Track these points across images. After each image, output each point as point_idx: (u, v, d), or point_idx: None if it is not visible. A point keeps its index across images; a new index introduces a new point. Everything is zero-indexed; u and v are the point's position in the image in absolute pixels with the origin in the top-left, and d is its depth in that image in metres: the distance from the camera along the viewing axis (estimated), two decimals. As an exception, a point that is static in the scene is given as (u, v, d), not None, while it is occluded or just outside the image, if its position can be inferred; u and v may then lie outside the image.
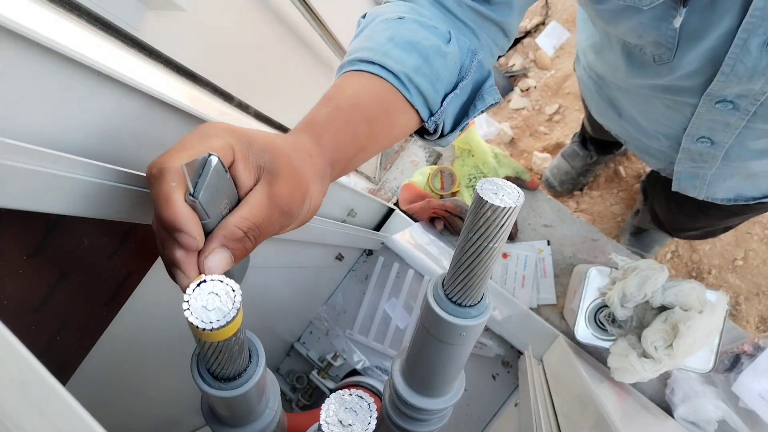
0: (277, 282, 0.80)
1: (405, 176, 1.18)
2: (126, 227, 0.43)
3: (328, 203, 0.80)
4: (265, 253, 0.69)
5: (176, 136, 0.45)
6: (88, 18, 0.38)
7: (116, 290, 0.46)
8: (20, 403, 0.17)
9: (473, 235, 0.35)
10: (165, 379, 0.63)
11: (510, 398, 1.00)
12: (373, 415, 0.37)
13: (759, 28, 0.42)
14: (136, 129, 0.41)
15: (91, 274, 0.42)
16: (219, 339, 0.32)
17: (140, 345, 0.54)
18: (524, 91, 1.64)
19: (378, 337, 1.04)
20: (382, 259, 1.07)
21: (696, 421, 0.91)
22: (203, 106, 0.52)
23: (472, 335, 0.42)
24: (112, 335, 0.47)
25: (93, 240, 0.40)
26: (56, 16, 0.36)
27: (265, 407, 0.49)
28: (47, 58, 0.32)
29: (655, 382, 0.97)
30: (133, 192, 0.39)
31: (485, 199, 0.33)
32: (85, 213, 0.36)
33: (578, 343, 0.93)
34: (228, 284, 0.30)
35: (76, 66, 0.34)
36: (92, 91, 0.36)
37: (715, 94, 0.51)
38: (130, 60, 0.43)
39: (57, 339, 0.42)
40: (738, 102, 0.51)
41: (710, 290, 0.83)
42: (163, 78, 0.47)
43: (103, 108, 0.37)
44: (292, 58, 0.84)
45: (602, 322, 0.87)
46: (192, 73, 0.50)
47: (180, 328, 0.37)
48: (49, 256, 0.37)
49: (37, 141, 0.32)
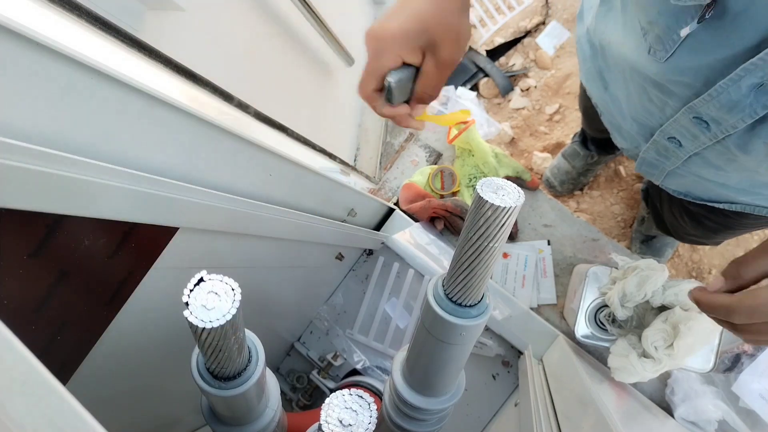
0: (278, 281, 0.80)
1: (405, 176, 1.18)
2: (126, 227, 0.43)
3: (329, 203, 0.80)
4: (266, 252, 0.69)
5: (176, 135, 0.45)
6: (88, 18, 0.38)
7: (116, 290, 0.46)
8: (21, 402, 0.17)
9: (473, 235, 0.35)
10: (165, 379, 0.63)
11: (510, 398, 1.00)
12: (373, 415, 0.37)
13: (758, 72, 0.43)
14: (136, 128, 0.41)
15: (91, 274, 0.42)
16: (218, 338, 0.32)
17: (140, 344, 0.54)
18: (524, 91, 1.64)
19: (378, 336, 1.04)
20: (382, 258, 1.07)
21: (696, 421, 0.91)
22: (203, 105, 0.52)
23: (472, 335, 0.42)
24: (113, 335, 0.47)
25: (93, 240, 0.40)
26: (56, 16, 0.36)
27: (265, 407, 0.49)
28: (47, 57, 0.32)
29: (655, 382, 0.97)
30: (133, 192, 0.39)
31: (485, 198, 0.33)
32: (86, 213, 0.36)
33: (578, 343, 0.94)
34: (228, 283, 0.30)
35: (77, 66, 0.34)
36: (92, 90, 0.36)
37: (695, 108, 0.52)
38: (130, 60, 0.43)
39: (57, 339, 0.42)
40: (711, 125, 0.53)
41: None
42: (163, 78, 0.47)
43: (103, 107, 0.37)
44: (292, 57, 0.84)
45: (602, 322, 0.87)
46: (192, 72, 0.50)
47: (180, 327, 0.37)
48: (50, 255, 0.37)
49: (37, 141, 0.32)
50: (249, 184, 0.58)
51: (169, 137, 0.44)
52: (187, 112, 0.44)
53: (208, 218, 0.50)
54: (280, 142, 0.71)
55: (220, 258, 0.59)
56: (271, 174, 0.61)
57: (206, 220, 0.50)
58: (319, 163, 0.88)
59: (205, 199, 0.48)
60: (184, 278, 0.35)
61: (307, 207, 0.72)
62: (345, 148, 1.14)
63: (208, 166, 0.51)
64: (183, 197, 0.45)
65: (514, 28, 1.67)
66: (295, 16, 0.77)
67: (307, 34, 0.85)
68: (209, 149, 0.50)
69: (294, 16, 0.77)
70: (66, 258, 0.39)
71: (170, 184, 0.42)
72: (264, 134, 0.67)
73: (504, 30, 1.67)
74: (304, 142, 0.77)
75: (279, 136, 0.70)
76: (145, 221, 0.42)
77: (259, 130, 0.65)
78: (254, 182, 0.59)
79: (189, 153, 0.47)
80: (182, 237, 0.49)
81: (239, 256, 0.63)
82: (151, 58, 0.44)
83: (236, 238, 0.60)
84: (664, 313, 0.81)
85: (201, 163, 0.50)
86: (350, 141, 1.17)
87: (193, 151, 0.48)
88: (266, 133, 0.67)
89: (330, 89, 1.01)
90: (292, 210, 0.64)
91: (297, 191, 0.69)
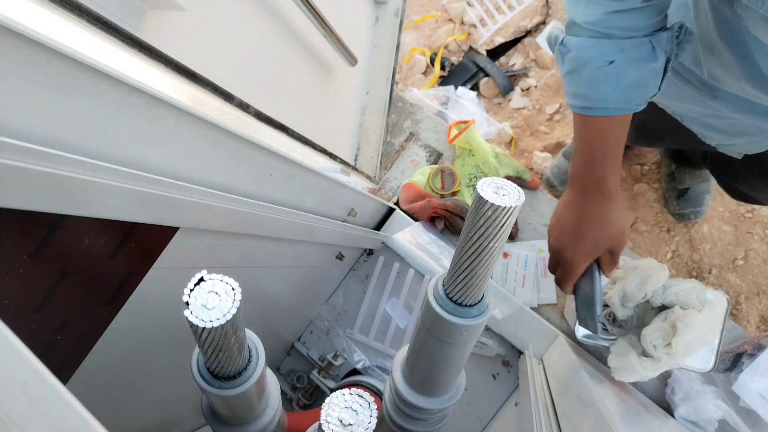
0: (278, 281, 0.80)
1: (405, 176, 1.18)
2: (127, 227, 0.43)
3: (329, 203, 0.80)
4: (266, 252, 0.69)
5: (176, 135, 0.45)
6: (88, 18, 0.38)
7: (117, 290, 0.46)
8: (21, 402, 0.17)
9: (474, 235, 0.35)
10: (165, 378, 0.63)
11: (510, 398, 1.00)
12: (373, 415, 0.37)
13: None
14: (136, 128, 0.41)
15: (91, 273, 0.42)
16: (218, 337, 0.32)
17: (141, 344, 0.54)
18: (525, 91, 1.64)
19: (378, 336, 1.04)
20: (382, 258, 1.07)
21: (696, 421, 0.91)
22: (203, 105, 0.52)
23: (472, 335, 0.42)
24: (113, 334, 0.47)
25: (93, 240, 0.40)
26: (57, 15, 0.36)
27: (265, 406, 0.49)
28: (48, 57, 0.32)
29: (655, 382, 0.97)
30: (134, 192, 0.39)
31: (486, 198, 0.33)
32: (86, 213, 0.36)
33: (578, 343, 0.93)
34: (228, 283, 0.30)
35: (77, 65, 0.34)
36: (93, 90, 0.36)
37: None
38: (131, 59, 0.43)
39: (58, 338, 0.42)
40: None
41: (710, 289, 0.83)
42: (163, 77, 0.47)
43: (104, 107, 0.37)
44: (293, 57, 0.84)
45: (603, 322, 0.87)
46: (192, 72, 0.50)
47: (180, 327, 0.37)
48: (50, 255, 0.37)
49: (38, 141, 0.32)
50: (249, 183, 0.58)
51: (169, 137, 0.44)
52: (188, 111, 0.44)
53: (208, 218, 0.50)
54: (280, 141, 0.71)
55: (220, 258, 0.59)
56: (271, 174, 0.61)
57: (206, 219, 0.50)
58: (319, 163, 0.88)
59: (206, 198, 0.48)
60: (185, 278, 0.35)
61: (307, 207, 0.72)
62: (346, 148, 1.14)
63: (209, 165, 0.51)
64: (183, 197, 0.45)
65: (514, 28, 1.67)
66: (296, 15, 0.77)
67: (309, 34, 0.85)
68: (209, 149, 0.50)
69: (296, 15, 0.77)
70: (66, 258, 0.39)
71: (170, 183, 0.42)
72: (264, 134, 0.67)
73: (504, 30, 1.67)
74: (304, 142, 0.77)
75: (280, 136, 0.70)
76: (145, 221, 0.42)
77: (259, 130, 0.65)
78: (254, 182, 0.59)
79: (189, 153, 0.47)
80: (182, 237, 0.49)
81: (239, 255, 0.63)
82: (151, 58, 0.44)
83: (236, 238, 0.60)
84: (663, 312, 0.81)
85: (201, 163, 0.50)
86: (351, 141, 1.17)
87: (193, 151, 0.48)
88: (267, 133, 0.67)
89: (331, 89, 1.01)
90: (292, 210, 0.64)
91: (297, 191, 0.69)
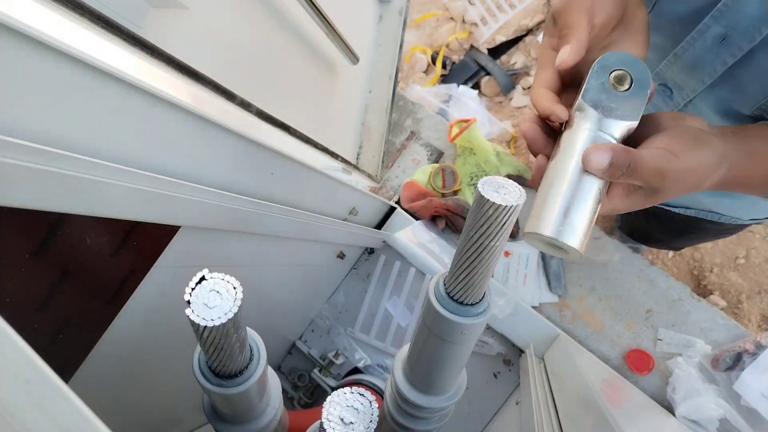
0: (279, 280, 0.80)
1: (407, 174, 1.18)
2: (128, 226, 0.43)
3: (330, 202, 0.80)
4: (267, 251, 0.69)
5: (178, 133, 0.45)
6: (90, 17, 0.38)
7: (118, 288, 0.46)
8: (23, 400, 0.17)
9: (475, 234, 0.35)
10: (167, 377, 0.63)
11: (511, 396, 1.00)
12: (374, 414, 0.37)
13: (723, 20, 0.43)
14: (138, 127, 0.41)
15: (93, 272, 0.42)
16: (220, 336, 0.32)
17: (142, 343, 0.54)
18: (526, 89, 1.64)
19: (379, 335, 1.04)
20: (383, 257, 1.07)
21: (697, 420, 0.91)
22: (205, 104, 0.52)
23: (473, 333, 0.42)
24: (115, 333, 0.48)
25: (95, 238, 0.40)
26: (59, 15, 0.36)
27: (266, 405, 0.49)
28: (50, 56, 0.32)
29: (656, 381, 0.97)
30: (135, 190, 0.39)
31: (487, 197, 0.33)
32: (88, 211, 0.36)
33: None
34: (229, 282, 0.30)
35: (79, 64, 0.34)
36: (95, 89, 0.36)
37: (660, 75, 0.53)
38: (133, 58, 0.43)
39: (60, 337, 0.42)
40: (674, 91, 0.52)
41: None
42: (165, 76, 0.47)
43: (106, 106, 0.37)
44: (295, 55, 0.84)
45: None
46: (194, 71, 0.50)
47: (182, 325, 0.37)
48: (52, 254, 0.37)
49: (39, 139, 0.32)
50: (251, 182, 0.58)
51: (171, 136, 0.44)
52: (189, 110, 0.44)
53: (209, 217, 0.50)
54: (282, 140, 0.71)
55: (221, 256, 0.59)
56: (273, 173, 0.61)
57: (208, 218, 0.50)
58: (321, 162, 0.88)
59: (207, 197, 0.48)
60: (186, 276, 0.35)
61: (308, 206, 0.72)
62: (348, 147, 1.14)
63: (210, 164, 0.51)
64: (185, 196, 0.45)
65: (515, 27, 1.67)
66: (299, 13, 0.77)
67: (311, 32, 0.85)
68: (211, 148, 0.50)
69: (298, 13, 0.77)
70: (68, 256, 0.39)
71: (172, 182, 0.43)
72: (266, 133, 0.67)
73: (505, 28, 1.67)
74: (306, 141, 0.77)
75: (281, 135, 0.70)
76: (146, 220, 0.42)
77: (261, 129, 0.65)
78: (256, 181, 0.59)
79: (191, 151, 0.47)
80: (184, 235, 0.49)
81: (241, 254, 0.63)
82: (153, 57, 0.44)
83: (238, 237, 0.60)
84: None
85: (203, 162, 0.50)
86: (353, 139, 1.17)
87: (195, 150, 0.48)
88: (268, 132, 0.67)
89: (334, 87, 1.01)
90: (293, 209, 0.64)
91: (299, 190, 0.69)
